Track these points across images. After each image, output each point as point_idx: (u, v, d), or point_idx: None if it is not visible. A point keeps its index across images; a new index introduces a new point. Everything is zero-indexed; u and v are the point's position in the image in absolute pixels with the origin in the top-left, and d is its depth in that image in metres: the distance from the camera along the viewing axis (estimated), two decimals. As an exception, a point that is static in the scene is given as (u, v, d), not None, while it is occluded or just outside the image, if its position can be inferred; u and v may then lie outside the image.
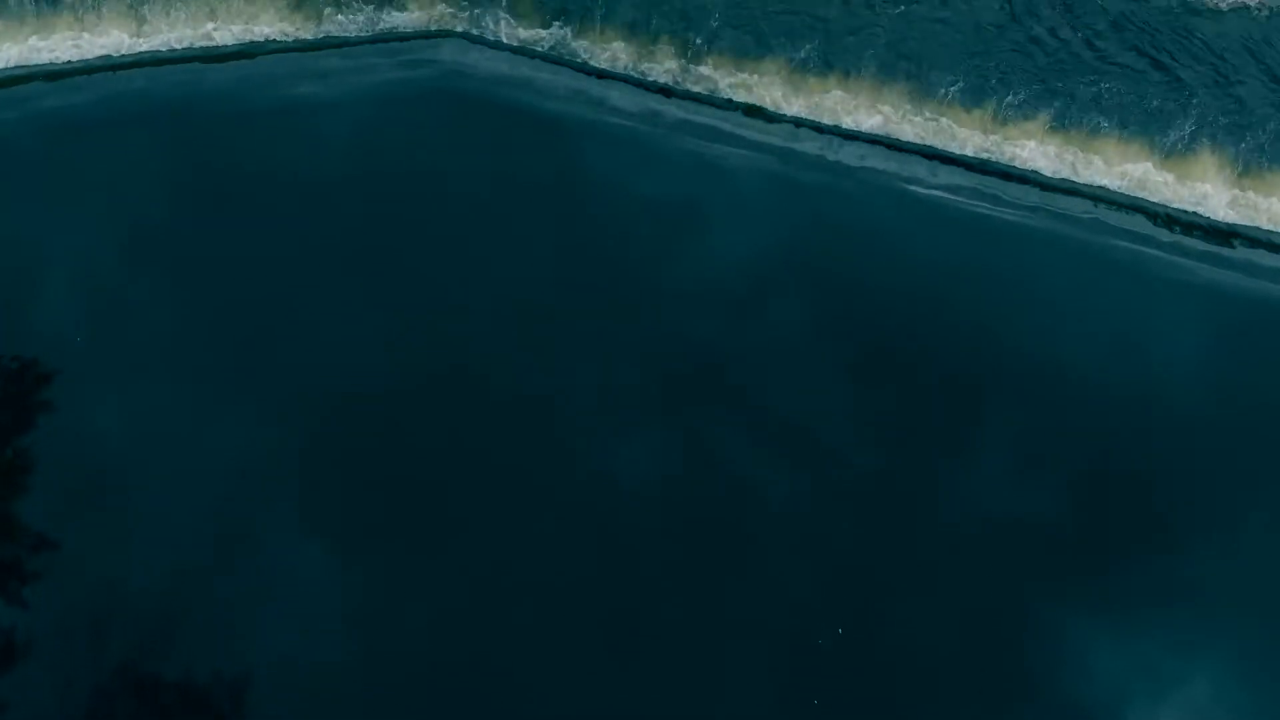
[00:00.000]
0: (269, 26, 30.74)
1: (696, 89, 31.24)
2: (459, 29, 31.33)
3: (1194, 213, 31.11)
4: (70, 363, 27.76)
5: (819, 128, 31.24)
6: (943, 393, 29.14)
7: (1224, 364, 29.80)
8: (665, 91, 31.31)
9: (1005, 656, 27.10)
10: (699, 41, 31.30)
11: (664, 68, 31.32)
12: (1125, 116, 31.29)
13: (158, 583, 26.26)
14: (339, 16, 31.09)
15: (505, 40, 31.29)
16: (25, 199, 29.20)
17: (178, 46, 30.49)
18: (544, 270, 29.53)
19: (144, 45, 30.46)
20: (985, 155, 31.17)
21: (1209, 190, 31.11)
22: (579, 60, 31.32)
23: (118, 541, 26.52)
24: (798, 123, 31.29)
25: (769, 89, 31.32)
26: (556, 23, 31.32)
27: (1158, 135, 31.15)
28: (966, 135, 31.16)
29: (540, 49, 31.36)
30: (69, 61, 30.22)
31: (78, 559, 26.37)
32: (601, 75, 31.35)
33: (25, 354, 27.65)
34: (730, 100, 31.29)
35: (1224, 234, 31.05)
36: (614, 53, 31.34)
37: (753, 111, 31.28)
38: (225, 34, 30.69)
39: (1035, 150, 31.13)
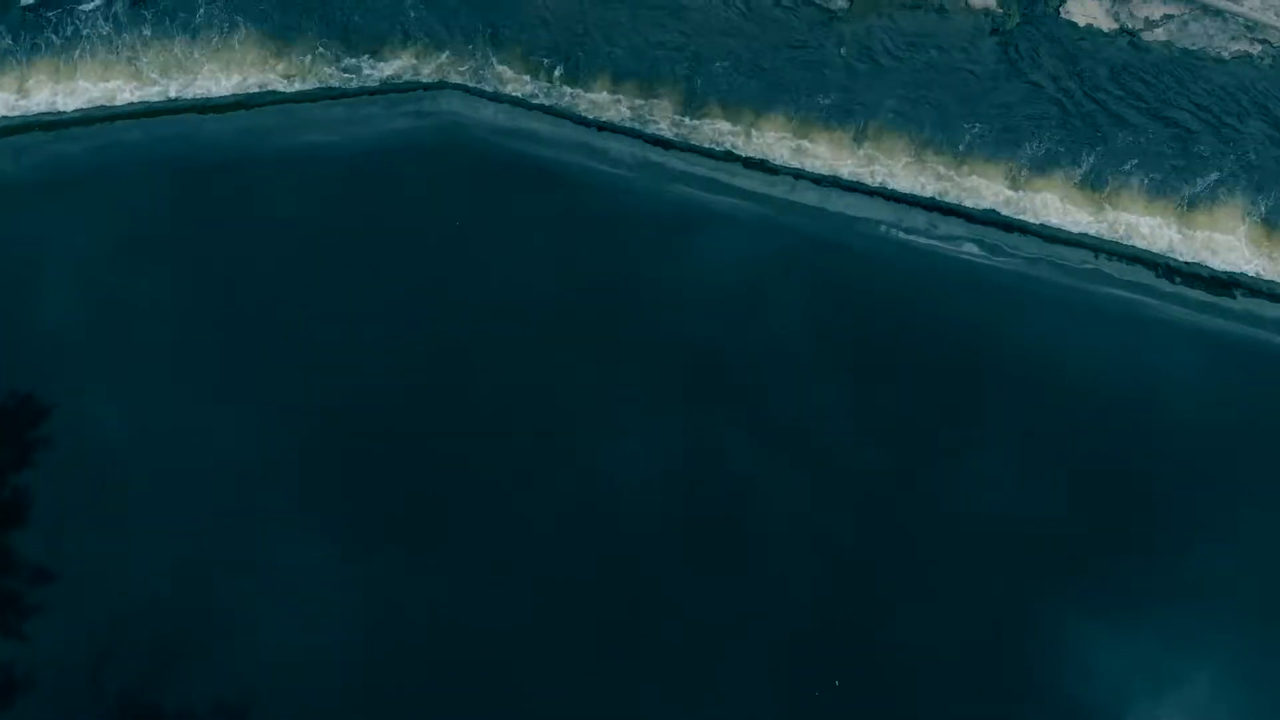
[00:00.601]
0: (266, 76, 30.82)
1: (696, 141, 31.18)
2: (458, 80, 31.25)
3: (1196, 263, 31.00)
4: (77, 389, 28.12)
5: (818, 179, 31.23)
6: (942, 422, 29.31)
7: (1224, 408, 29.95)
8: (664, 144, 31.27)
9: (1004, 655, 27.26)
10: (701, 91, 31.24)
11: (664, 119, 31.25)
12: (1138, 171, 31.02)
13: (161, 595, 26.63)
14: (337, 67, 31.05)
15: (504, 92, 31.20)
16: (26, 242, 29.43)
17: (175, 97, 30.57)
18: (544, 323, 29.71)
19: (127, 96, 30.56)
20: (991, 208, 31.14)
21: (1238, 249, 30.99)
22: (578, 112, 31.23)
23: (123, 554, 26.93)
24: (797, 175, 31.25)
25: (771, 142, 31.24)
26: (555, 74, 31.23)
27: (1175, 190, 30.92)
28: (985, 188, 31.11)
29: (539, 100, 31.28)
30: (63, 111, 30.29)
31: (81, 580, 26.73)
32: (601, 127, 31.26)
33: (29, 387, 28.07)
34: (730, 152, 31.22)
35: (1224, 284, 30.94)
36: (614, 104, 31.30)
37: (752, 164, 31.26)
38: (222, 85, 30.75)
39: (1055, 204, 31.05)
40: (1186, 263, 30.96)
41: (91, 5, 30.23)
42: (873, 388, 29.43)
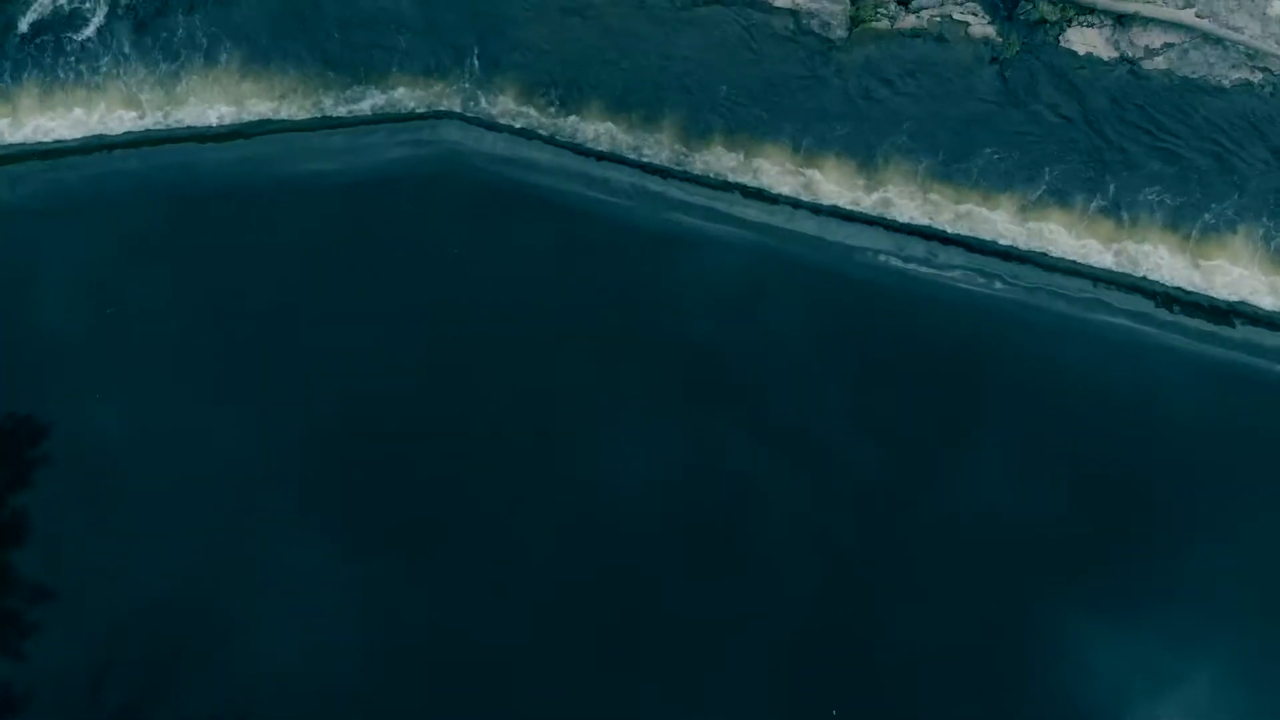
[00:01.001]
0: (263, 105, 30.91)
1: (697, 170, 31.18)
2: (456, 110, 31.28)
3: (1195, 292, 30.93)
4: (76, 412, 28.38)
5: (817, 209, 31.20)
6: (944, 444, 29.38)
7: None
8: (663, 173, 31.28)
9: (1009, 661, 27.36)
10: (702, 121, 31.22)
11: (664, 149, 31.26)
12: (1146, 201, 30.90)
13: (161, 609, 26.83)
14: (334, 97, 31.09)
15: (501, 121, 31.24)
16: (24, 269, 29.60)
17: (172, 125, 30.63)
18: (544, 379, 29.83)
19: (123, 124, 30.60)
20: (996, 239, 31.08)
21: (1252, 280, 30.91)
22: (576, 141, 31.25)
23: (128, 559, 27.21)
24: (795, 204, 31.22)
25: (774, 172, 31.26)
26: (553, 103, 31.27)
27: (1185, 221, 30.81)
28: (992, 219, 31.04)
29: (537, 129, 31.31)
30: (59, 139, 30.37)
31: (80, 595, 26.95)
32: (600, 156, 31.27)
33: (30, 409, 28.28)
34: (729, 181, 31.22)
35: (1223, 313, 30.88)
36: (612, 134, 31.33)
37: (751, 193, 31.24)
38: (219, 113, 30.83)
39: (1064, 236, 30.95)
40: (1195, 293, 30.88)
41: (86, 33, 30.28)
42: (876, 403, 29.62)
